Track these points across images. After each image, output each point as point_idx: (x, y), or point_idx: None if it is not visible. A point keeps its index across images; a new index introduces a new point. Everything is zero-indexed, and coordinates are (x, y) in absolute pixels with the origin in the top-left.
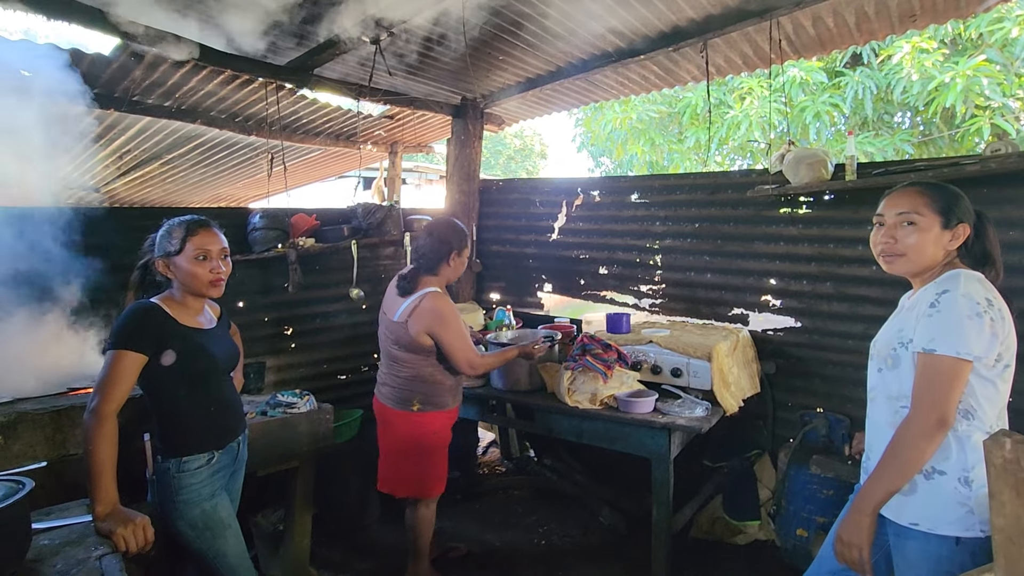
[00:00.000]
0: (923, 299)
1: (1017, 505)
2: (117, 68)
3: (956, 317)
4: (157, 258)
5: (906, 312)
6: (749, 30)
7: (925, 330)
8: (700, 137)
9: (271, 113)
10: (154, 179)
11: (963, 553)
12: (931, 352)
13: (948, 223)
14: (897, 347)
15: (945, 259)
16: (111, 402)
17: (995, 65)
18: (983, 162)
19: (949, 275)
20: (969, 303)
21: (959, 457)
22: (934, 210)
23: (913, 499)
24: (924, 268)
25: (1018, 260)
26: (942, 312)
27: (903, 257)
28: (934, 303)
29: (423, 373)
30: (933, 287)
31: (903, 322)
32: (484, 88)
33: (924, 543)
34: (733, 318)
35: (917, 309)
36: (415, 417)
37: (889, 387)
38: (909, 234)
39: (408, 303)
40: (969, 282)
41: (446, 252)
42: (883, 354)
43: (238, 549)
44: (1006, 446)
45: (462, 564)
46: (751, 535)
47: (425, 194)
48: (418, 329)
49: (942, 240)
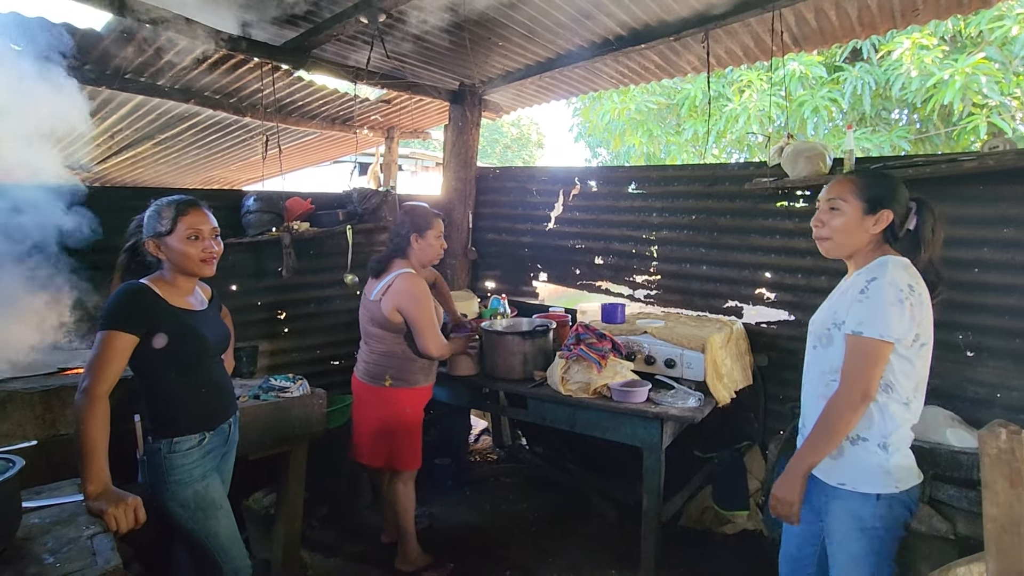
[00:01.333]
0: (855, 284)
1: (1010, 495)
2: (109, 44)
3: (882, 303)
4: (147, 238)
5: (840, 295)
6: (751, 21)
7: (855, 314)
8: (698, 129)
9: (266, 94)
10: (146, 160)
11: (882, 507)
12: (859, 334)
13: (871, 209)
14: (831, 327)
15: (871, 243)
16: (103, 382)
17: (994, 63)
18: (980, 159)
19: (878, 262)
20: (894, 290)
21: (880, 425)
22: (858, 196)
23: (841, 462)
24: (851, 251)
25: (1011, 257)
26: (870, 298)
27: (830, 240)
28: (864, 289)
29: (395, 350)
30: (864, 273)
31: (837, 304)
32: (482, 74)
33: (850, 500)
34: (727, 310)
35: (849, 293)
36: (386, 392)
37: (822, 363)
38: (833, 218)
39: (383, 283)
40: (895, 269)
41: (406, 234)
42: (818, 333)
43: (230, 529)
44: (1001, 437)
45: (453, 547)
46: (740, 525)
47: (421, 181)
48: (390, 306)
49: (865, 224)
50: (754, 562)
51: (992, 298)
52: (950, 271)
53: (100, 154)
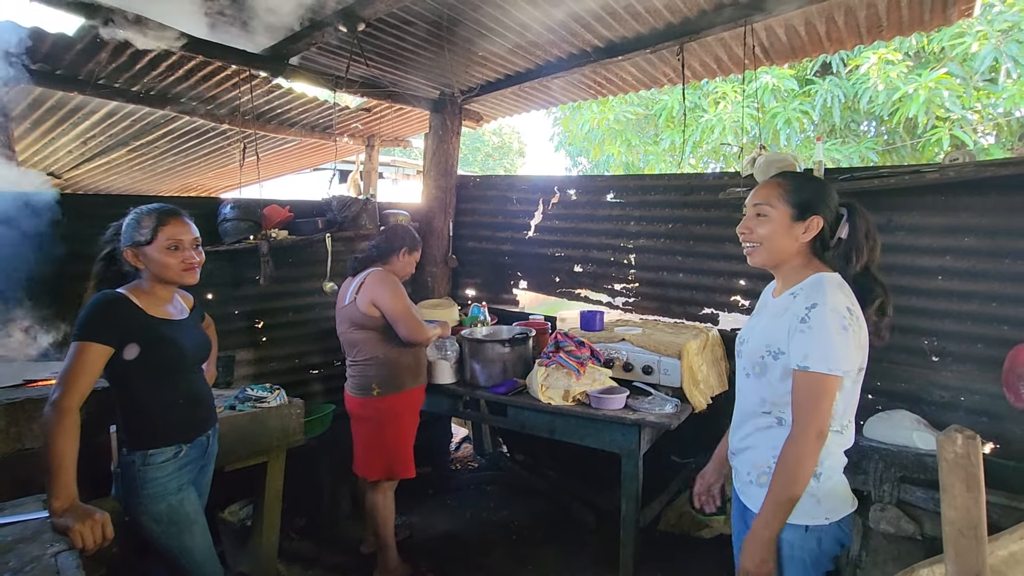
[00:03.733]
0: (791, 309)
1: (967, 498)
2: (81, 49)
3: (826, 334)
4: (126, 247)
5: (773, 317)
6: (724, 35)
7: (799, 347)
8: (675, 139)
9: (244, 102)
10: (120, 166)
11: (811, 539)
12: (805, 369)
13: (800, 215)
14: (765, 355)
15: (799, 252)
16: (74, 395)
17: (956, 79)
18: (942, 170)
19: (813, 280)
20: (837, 317)
21: None
22: (786, 201)
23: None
24: (779, 260)
25: (972, 265)
26: (813, 328)
27: (758, 249)
28: (804, 318)
29: (378, 354)
30: (801, 297)
31: (771, 329)
32: (462, 83)
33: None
34: (704, 317)
35: (786, 320)
36: (375, 402)
37: (756, 392)
38: (760, 224)
39: (355, 283)
40: (833, 292)
41: (398, 247)
42: (752, 360)
43: (204, 545)
44: (957, 441)
45: (433, 556)
46: (717, 529)
47: (402, 189)
48: (366, 301)
49: (794, 232)
50: (731, 566)
51: (955, 304)
52: (915, 279)
53: (73, 160)
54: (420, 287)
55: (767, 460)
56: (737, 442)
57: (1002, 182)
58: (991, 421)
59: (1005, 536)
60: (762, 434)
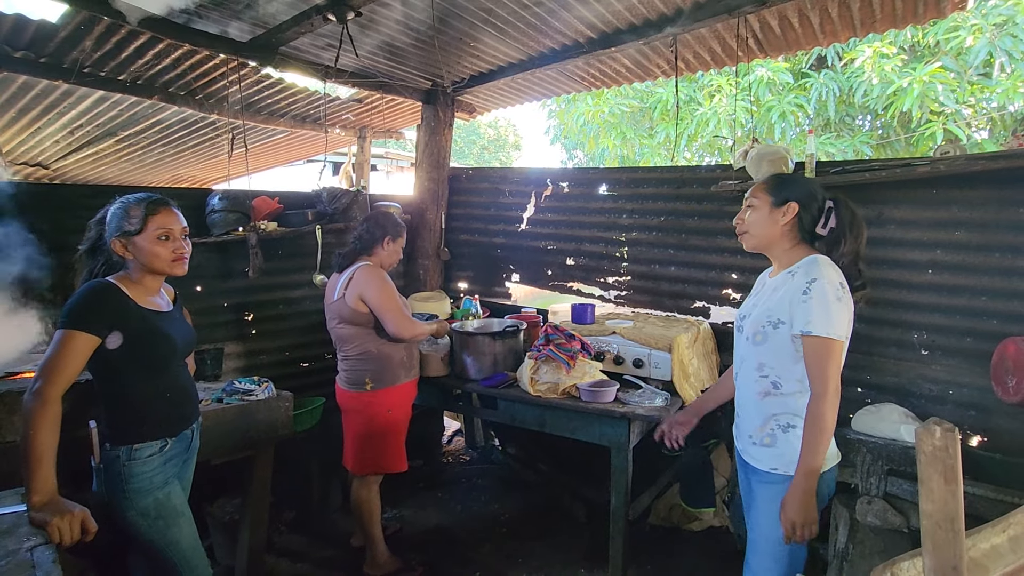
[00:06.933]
0: (793, 285)
1: (945, 491)
2: (65, 37)
3: (825, 303)
4: (114, 237)
5: (771, 292)
6: (718, 27)
7: (802, 315)
8: (670, 132)
9: (233, 92)
10: (108, 157)
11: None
12: (808, 334)
13: (779, 203)
14: (766, 325)
15: (784, 236)
16: (56, 385)
17: (950, 73)
18: (933, 164)
19: (809, 260)
20: (833, 289)
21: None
22: (768, 192)
23: (773, 450)
24: (767, 242)
25: (962, 259)
26: (814, 299)
27: (747, 233)
28: (806, 291)
29: (369, 349)
30: (800, 273)
31: (771, 303)
32: (455, 74)
33: (780, 483)
34: (695, 311)
35: (786, 293)
36: (367, 396)
37: (756, 358)
38: (749, 215)
39: (343, 278)
40: (827, 268)
41: (380, 236)
42: (753, 330)
43: (191, 538)
44: (936, 434)
45: (423, 550)
46: (706, 521)
47: (395, 182)
48: (354, 297)
49: (774, 216)
50: (720, 558)
51: (945, 298)
52: (905, 272)
53: (60, 151)
54: (412, 280)
55: (768, 423)
56: (738, 407)
57: (993, 176)
58: (979, 415)
59: (987, 529)
60: (761, 400)
